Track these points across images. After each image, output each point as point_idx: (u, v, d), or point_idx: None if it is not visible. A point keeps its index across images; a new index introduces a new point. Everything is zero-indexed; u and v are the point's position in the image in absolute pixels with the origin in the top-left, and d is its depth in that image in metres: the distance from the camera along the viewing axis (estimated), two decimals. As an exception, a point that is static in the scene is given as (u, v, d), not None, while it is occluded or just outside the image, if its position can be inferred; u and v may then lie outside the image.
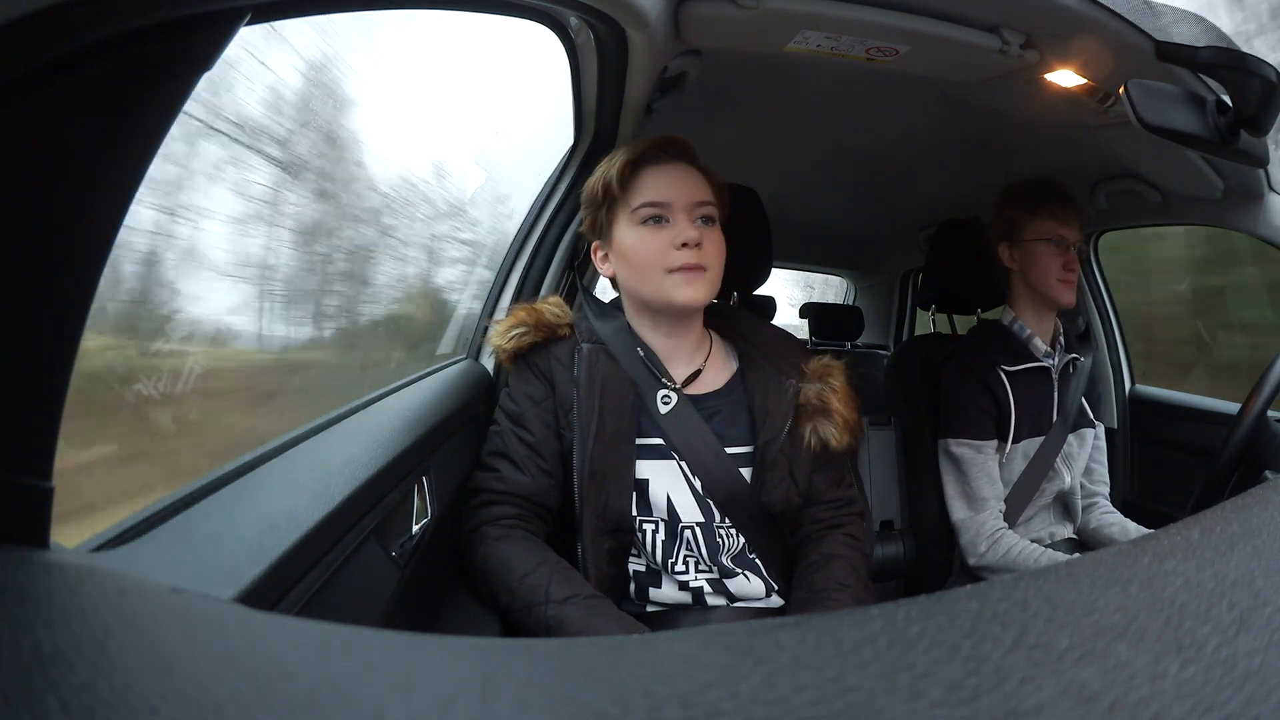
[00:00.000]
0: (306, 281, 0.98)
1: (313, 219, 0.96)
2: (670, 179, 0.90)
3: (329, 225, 1.04)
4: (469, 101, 1.28)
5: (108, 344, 0.62)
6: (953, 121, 1.33)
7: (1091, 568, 0.27)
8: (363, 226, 1.14)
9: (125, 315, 0.66)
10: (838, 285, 3.49)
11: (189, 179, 0.68)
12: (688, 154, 0.92)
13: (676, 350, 0.95)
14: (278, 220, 0.86)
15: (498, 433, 0.93)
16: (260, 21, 0.37)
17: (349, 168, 1.06)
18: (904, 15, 0.89)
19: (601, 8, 0.74)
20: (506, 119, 1.37)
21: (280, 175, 0.84)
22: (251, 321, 0.86)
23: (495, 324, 0.98)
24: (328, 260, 1.05)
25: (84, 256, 0.30)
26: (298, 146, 0.88)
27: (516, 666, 0.21)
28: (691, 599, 0.90)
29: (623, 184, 0.89)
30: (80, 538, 0.44)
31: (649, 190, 0.89)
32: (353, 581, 0.60)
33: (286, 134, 0.84)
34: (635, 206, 0.89)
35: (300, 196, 0.91)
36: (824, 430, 0.92)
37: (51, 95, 0.26)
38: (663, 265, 0.88)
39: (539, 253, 1.24)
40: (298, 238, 0.93)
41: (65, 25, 0.25)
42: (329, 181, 1.00)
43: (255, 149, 0.78)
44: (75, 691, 0.18)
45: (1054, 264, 1.25)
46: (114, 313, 0.63)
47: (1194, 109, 0.83)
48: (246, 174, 0.77)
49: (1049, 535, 1.30)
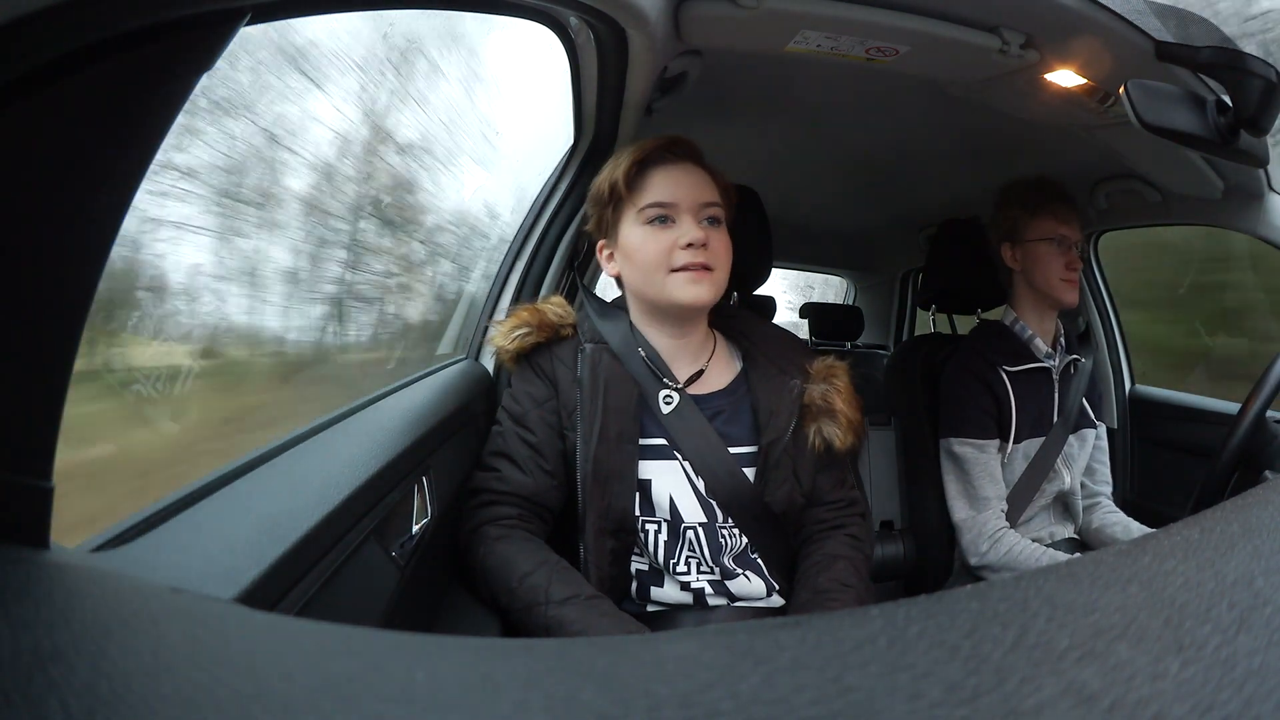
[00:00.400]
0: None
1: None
2: (677, 179, 0.90)
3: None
4: (473, 102, 1.29)
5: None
6: (953, 121, 1.33)
7: (1091, 568, 0.27)
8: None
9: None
10: (838, 286, 3.49)
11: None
12: (694, 154, 0.93)
13: (681, 350, 0.95)
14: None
15: (499, 433, 0.93)
16: (260, 21, 0.37)
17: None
18: (904, 15, 0.89)
19: (601, 8, 0.74)
20: (507, 119, 1.37)
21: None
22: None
23: (497, 324, 0.98)
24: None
25: (84, 256, 0.30)
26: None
27: (516, 666, 0.21)
28: (693, 599, 0.90)
29: (629, 184, 0.90)
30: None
31: (655, 190, 0.89)
32: (353, 581, 0.60)
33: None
34: (641, 206, 0.89)
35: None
36: (828, 431, 0.93)
37: (51, 95, 0.26)
38: (667, 265, 0.88)
39: (539, 253, 1.24)
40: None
41: (65, 25, 0.25)
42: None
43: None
44: (75, 691, 0.18)
45: (1056, 263, 1.25)
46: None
47: (1194, 109, 0.83)
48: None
49: (1049, 535, 1.30)
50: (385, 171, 1.18)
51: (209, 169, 0.76)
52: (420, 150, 1.25)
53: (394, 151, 1.19)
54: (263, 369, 1.01)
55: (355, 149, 1.08)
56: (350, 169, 1.09)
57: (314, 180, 1.00)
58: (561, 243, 1.26)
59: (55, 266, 0.28)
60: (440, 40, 1.12)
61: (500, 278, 1.25)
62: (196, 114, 0.71)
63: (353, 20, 0.94)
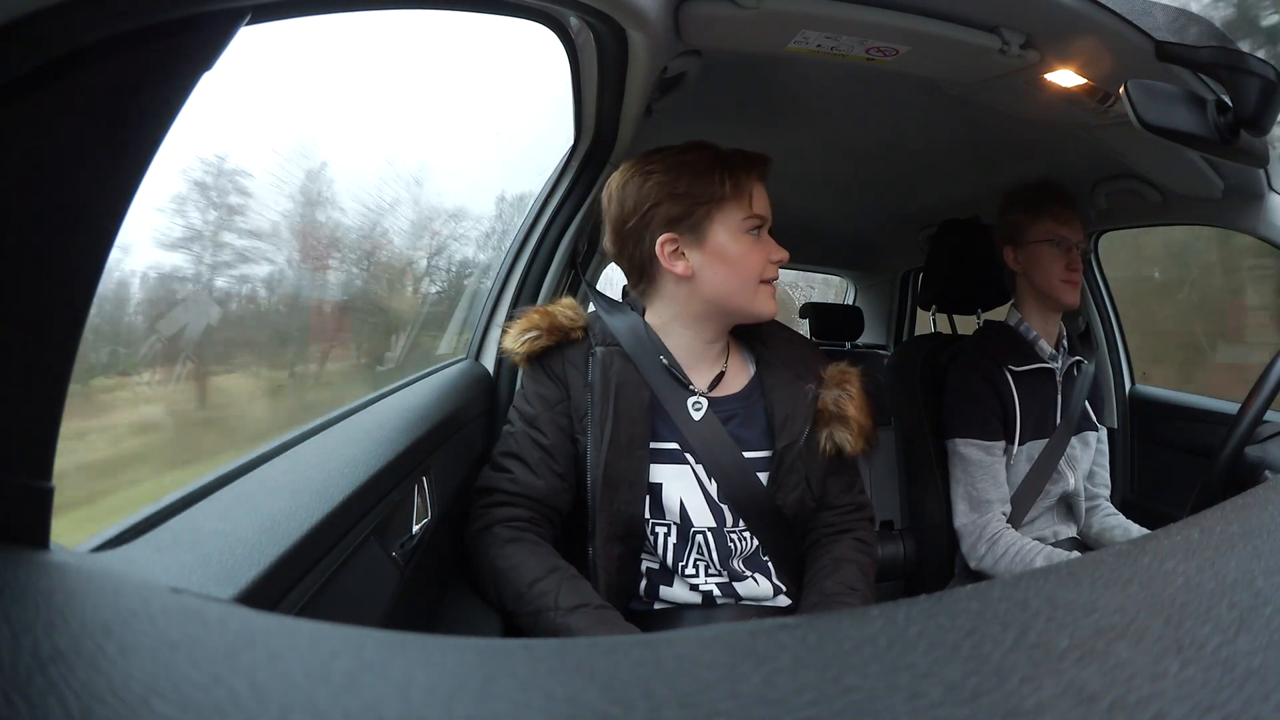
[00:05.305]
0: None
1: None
2: (765, 195, 0.93)
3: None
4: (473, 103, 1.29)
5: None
6: (953, 121, 1.33)
7: (1091, 568, 0.26)
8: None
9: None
10: (839, 286, 3.48)
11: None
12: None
13: (702, 354, 0.95)
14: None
15: (511, 433, 0.92)
16: (260, 21, 0.37)
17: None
18: (904, 15, 0.89)
19: (601, 8, 0.74)
20: (507, 119, 1.37)
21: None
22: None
23: (507, 327, 0.98)
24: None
25: (84, 256, 0.30)
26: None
27: (516, 666, 0.21)
28: (701, 600, 0.90)
29: (737, 188, 0.90)
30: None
31: (759, 202, 0.92)
32: (353, 582, 0.60)
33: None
34: (747, 214, 0.90)
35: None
36: (839, 436, 0.93)
37: (51, 95, 0.26)
38: (760, 276, 0.91)
39: (539, 253, 1.24)
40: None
41: (65, 25, 0.25)
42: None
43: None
44: (75, 691, 0.18)
45: (1057, 265, 1.25)
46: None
47: (1194, 109, 0.82)
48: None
49: (1052, 534, 1.31)
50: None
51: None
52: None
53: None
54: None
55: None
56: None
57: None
58: (562, 243, 1.25)
59: (55, 266, 0.28)
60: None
61: (500, 278, 1.25)
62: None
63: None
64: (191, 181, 0.79)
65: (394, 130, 1.20)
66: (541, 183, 1.26)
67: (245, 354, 1.00)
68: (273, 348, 1.08)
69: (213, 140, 0.79)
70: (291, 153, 0.98)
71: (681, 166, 0.90)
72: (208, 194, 0.81)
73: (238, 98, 0.67)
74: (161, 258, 0.76)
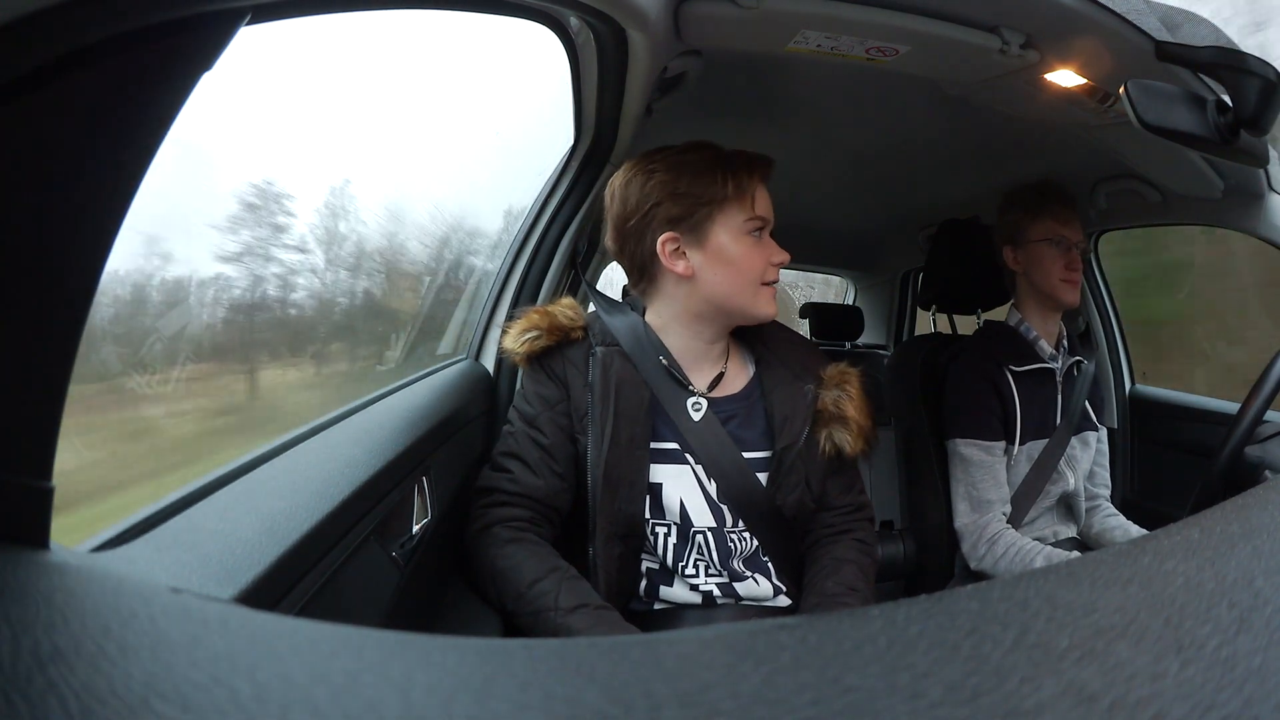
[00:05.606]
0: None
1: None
2: (768, 197, 0.93)
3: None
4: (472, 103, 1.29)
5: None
6: (952, 121, 1.33)
7: (1091, 568, 0.27)
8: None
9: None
10: (839, 286, 3.48)
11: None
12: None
13: (703, 354, 0.95)
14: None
15: (511, 433, 0.92)
16: (260, 21, 0.37)
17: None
18: (904, 15, 0.89)
19: (601, 8, 0.74)
20: (507, 120, 1.37)
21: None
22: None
23: (507, 327, 0.98)
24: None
25: (84, 256, 0.30)
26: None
27: (516, 666, 0.21)
28: (701, 600, 0.90)
29: (739, 189, 0.90)
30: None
31: (761, 204, 0.91)
32: (353, 581, 0.60)
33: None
34: (749, 216, 0.90)
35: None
36: (839, 437, 0.93)
37: (51, 95, 0.26)
38: (760, 278, 0.91)
39: (539, 253, 1.24)
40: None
41: (65, 25, 0.25)
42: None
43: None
44: (75, 691, 0.18)
45: (1057, 265, 1.25)
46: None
47: (1194, 109, 0.82)
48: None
49: (1053, 534, 1.31)
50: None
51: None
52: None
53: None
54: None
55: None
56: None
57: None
58: (562, 243, 1.25)
59: (55, 266, 0.28)
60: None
61: (500, 278, 1.25)
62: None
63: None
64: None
65: (393, 129, 1.20)
66: (541, 183, 1.26)
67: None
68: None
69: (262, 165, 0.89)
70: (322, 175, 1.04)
71: (684, 166, 0.89)
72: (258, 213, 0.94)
73: (238, 99, 0.67)
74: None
